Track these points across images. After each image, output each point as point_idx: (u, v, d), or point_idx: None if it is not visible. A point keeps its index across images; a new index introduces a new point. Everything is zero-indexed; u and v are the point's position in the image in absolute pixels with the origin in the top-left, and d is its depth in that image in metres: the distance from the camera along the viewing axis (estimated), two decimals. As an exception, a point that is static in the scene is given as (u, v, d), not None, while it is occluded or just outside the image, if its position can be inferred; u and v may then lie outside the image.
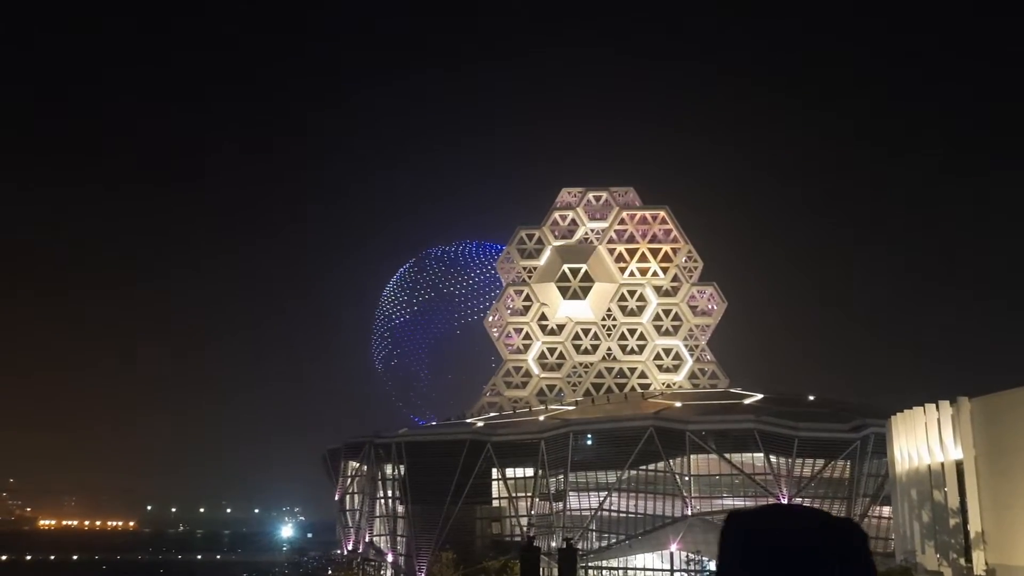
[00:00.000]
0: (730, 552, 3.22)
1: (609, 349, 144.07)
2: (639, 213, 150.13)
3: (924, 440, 62.34)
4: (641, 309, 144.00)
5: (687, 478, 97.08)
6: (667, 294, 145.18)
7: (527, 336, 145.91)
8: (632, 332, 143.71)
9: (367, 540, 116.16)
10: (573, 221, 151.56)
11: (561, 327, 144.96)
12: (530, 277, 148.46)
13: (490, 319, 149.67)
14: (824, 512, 3.28)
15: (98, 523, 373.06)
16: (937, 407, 60.67)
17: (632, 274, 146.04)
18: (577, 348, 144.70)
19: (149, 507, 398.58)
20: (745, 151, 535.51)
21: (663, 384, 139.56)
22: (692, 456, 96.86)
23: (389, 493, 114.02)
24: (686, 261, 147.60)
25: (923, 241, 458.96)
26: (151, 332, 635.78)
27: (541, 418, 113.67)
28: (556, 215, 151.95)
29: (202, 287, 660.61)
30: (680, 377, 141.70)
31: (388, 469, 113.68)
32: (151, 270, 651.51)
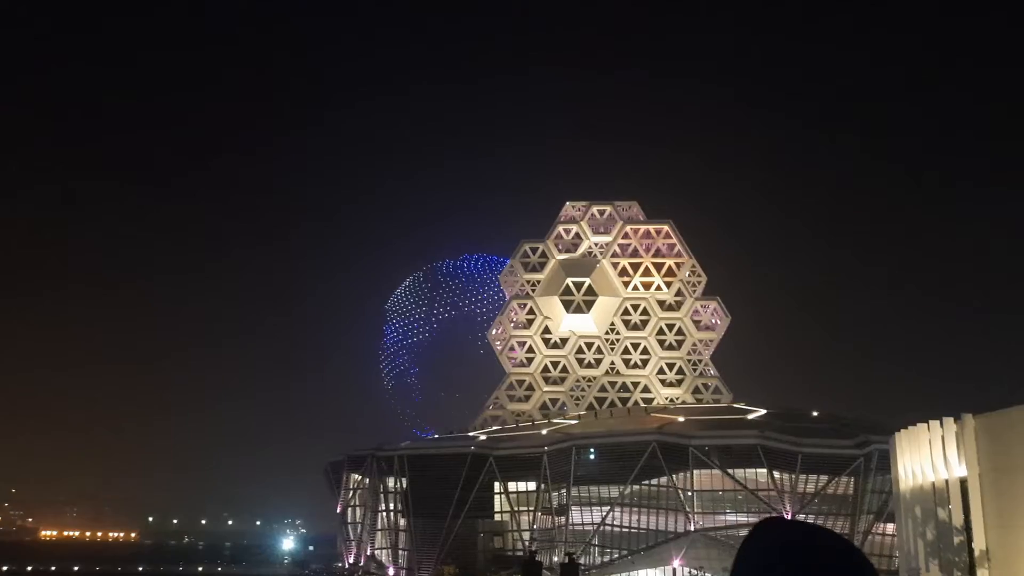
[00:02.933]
0: (759, 556, 3.17)
1: (612, 363, 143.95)
2: (643, 227, 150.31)
3: (928, 457, 62.10)
4: (644, 323, 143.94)
5: (690, 493, 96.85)
6: (670, 308, 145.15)
7: (530, 349, 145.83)
8: (635, 346, 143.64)
9: (368, 553, 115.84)
10: (577, 235, 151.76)
11: (564, 341, 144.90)
12: (533, 290, 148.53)
13: (493, 332, 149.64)
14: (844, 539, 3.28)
15: (100, 534, 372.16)
16: (941, 424, 60.44)
17: (635, 288, 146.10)
18: (580, 362, 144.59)
19: (151, 518, 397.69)
20: (748, 168, 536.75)
21: (666, 399, 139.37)
22: (695, 471, 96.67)
23: (391, 506, 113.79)
24: (689, 276, 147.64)
25: (925, 257, 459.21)
26: (152, 338, 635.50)
27: (544, 432, 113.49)
28: (560, 228, 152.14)
29: (203, 297, 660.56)
30: (683, 392, 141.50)
31: (390, 482, 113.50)
32: (151, 277, 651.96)
